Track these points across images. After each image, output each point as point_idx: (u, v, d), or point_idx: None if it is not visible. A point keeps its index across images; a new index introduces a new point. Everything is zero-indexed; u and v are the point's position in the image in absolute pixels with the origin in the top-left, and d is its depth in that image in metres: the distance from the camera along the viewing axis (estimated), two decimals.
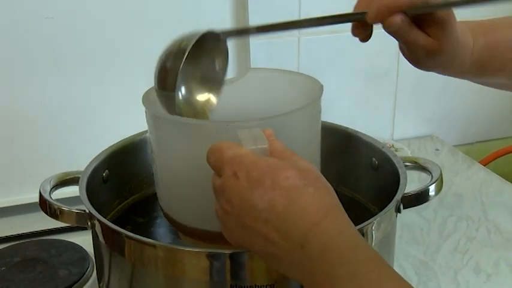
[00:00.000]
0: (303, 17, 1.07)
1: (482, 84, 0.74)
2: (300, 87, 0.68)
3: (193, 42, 0.59)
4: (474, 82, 0.73)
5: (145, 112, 0.63)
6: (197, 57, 0.60)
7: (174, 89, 0.58)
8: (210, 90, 0.65)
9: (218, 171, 0.51)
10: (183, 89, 0.62)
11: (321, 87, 0.64)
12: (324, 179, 0.50)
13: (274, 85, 0.71)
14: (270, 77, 0.72)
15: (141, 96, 0.64)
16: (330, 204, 0.48)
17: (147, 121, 0.64)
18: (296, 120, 0.60)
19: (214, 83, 0.64)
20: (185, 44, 0.59)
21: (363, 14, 0.60)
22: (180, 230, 0.66)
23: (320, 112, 0.65)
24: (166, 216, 0.66)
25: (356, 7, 0.61)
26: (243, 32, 0.77)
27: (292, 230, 0.46)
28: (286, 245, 0.47)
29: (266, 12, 1.05)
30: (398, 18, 0.58)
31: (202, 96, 0.64)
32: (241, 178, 0.49)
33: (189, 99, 0.63)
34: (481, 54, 0.66)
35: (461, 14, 0.63)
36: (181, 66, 0.58)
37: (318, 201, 0.47)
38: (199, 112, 0.64)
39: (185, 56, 0.58)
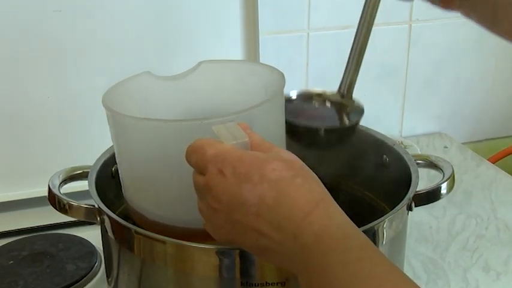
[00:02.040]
0: (312, 9, 1.07)
1: (504, 31, 0.68)
2: (257, 77, 0.67)
3: None
4: (494, 27, 0.68)
5: (107, 116, 0.61)
6: None
7: None
8: None
9: (201, 169, 0.50)
10: None
11: (282, 76, 0.63)
12: (308, 167, 0.50)
13: (227, 77, 0.70)
14: (221, 69, 0.71)
15: None
16: (320, 193, 0.48)
17: (109, 124, 0.62)
18: (267, 111, 0.59)
19: None
20: None
21: None
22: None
23: (284, 101, 0.64)
24: (134, 216, 0.65)
25: None
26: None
27: (284, 221, 0.47)
28: (279, 236, 0.47)
29: (275, 5, 1.04)
30: None
31: None
32: (227, 175, 0.48)
33: None
34: None
35: None
36: None
37: (307, 192, 0.47)
38: None
39: None
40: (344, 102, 0.71)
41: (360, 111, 0.70)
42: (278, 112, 0.63)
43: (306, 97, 0.73)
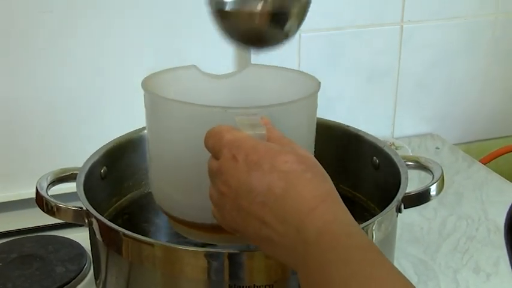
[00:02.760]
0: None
1: None
2: (297, 84, 0.68)
3: None
4: None
5: (144, 97, 0.63)
6: None
7: None
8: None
9: (216, 154, 0.51)
10: None
11: (318, 83, 0.64)
12: (321, 166, 0.51)
13: (271, 82, 0.71)
14: (267, 74, 0.72)
15: (141, 93, 0.63)
16: (327, 190, 0.48)
17: (145, 106, 0.63)
18: (293, 111, 0.60)
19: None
20: None
21: None
22: (172, 217, 0.65)
23: (316, 108, 0.65)
24: (159, 205, 0.66)
25: None
26: None
27: (289, 214, 0.47)
28: (282, 228, 0.47)
29: None
30: None
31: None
32: (239, 161, 0.49)
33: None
34: None
35: None
36: None
37: (315, 187, 0.48)
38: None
39: None
40: None
41: None
42: (307, 115, 0.63)
43: None
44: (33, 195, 0.69)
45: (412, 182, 0.69)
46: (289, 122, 0.59)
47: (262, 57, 1.03)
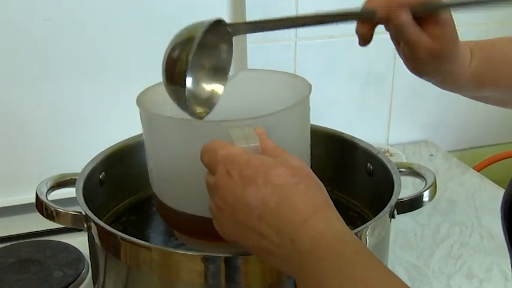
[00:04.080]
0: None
1: (481, 100, 0.75)
2: (289, 87, 0.68)
3: (202, 31, 0.58)
4: (473, 98, 0.74)
5: (140, 113, 0.64)
6: (203, 47, 0.60)
7: (184, 80, 0.58)
8: (216, 81, 0.65)
9: (212, 169, 0.52)
10: (190, 81, 0.62)
11: (310, 86, 0.65)
12: (314, 175, 0.52)
13: (263, 85, 0.72)
14: (260, 78, 0.73)
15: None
16: (320, 200, 0.49)
17: (141, 122, 0.64)
18: (286, 118, 0.61)
19: (220, 73, 0.65)
20: (193, 34, 0.58)
21: (372, 12, 0.61)
22: (176, 227, 0.66)
23: (309, 111, 0.65)
24: (162, 211, 0.66)
25: (365, 4, 0.63)
26: (248, 25, 0.73)
27: (284, 225, 0.48)
28: (279, 240, 0.48)
29: (263, 14, 1.05)
30: (405, 15, 0.60)
31: (208, 87, 0.65)
32: (234, 176, 0.50)
33: (196, 90, 0.63)
34: (478, 65, 0.67)
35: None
36: (191, 57, 0.57)
37: (308, 198, 0.49)
38: (204, 103, 0.64)
39: (195, 46, 0.57)
40: None
41: None
42: (300, 120, 0.64)
43: None
44: (31, 201, 0.70)
45: (406, 189, 0.70)
46: (283, 130, 0.60)
47: (257, 65, 1.04)
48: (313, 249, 0.46)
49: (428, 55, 0.62)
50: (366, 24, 0.63)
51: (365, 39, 0.64)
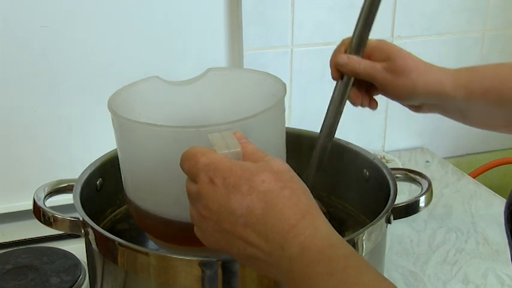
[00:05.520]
0: (296, 26, 1.08)
1: (475, 123, 0.77)
2: (263, 86, 0.68)
3: None
4: (476, 123, 0.77)
5: (112, 119, 0.63)
6: None
7: None
8: None
9: (193, 177, 0.52)
10: None
11: (284, 86, 0.65)
12: (298, 178, 0.51)
13: (233, 84, 0.72)
14: (231, 76, 0.73)
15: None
16: (306, 205, 0.49)
17: (113, 127, 0.64)
18: (263, 120, 0.61)
19: None
20: None
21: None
22: (152, 232, 0.66)
23: (284, 110, 0.65)
24: (137, 216, 0.66)
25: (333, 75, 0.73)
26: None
27: (272, 233, 0.48)
28: (267, 246, 0.48)
29: (260, 22, 1.06)
30: (343, 56, 0.71)
31: None
32: (218, 184, 0.49)
33: None
34: (465, 75, 0.71)
35: None
36: None
37: (294, 204, 0.49)
38: None
39: None
40: None
41: None
42: (276, 121, 0.64)
43: None
44: (28, 207, 0.70)
45: (403, 195, 0.70)
46: (261, 131, 0.60)
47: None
48: (303, 255, 0.46)
49: (392, 74, 0.70)
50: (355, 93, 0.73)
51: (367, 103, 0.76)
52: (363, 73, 0.70)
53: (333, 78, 0.73)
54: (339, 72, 0.72)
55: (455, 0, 1.17)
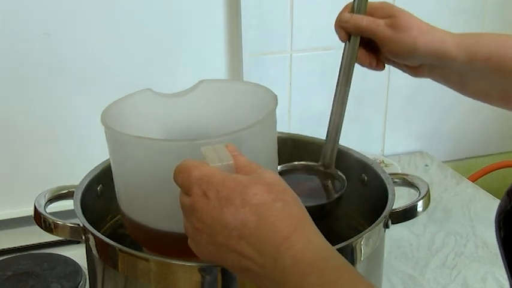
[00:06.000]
0: (296, 29, 1.09)
1: (482, 98, 0.76)
2: (253, 97, 0.69)
3: None
4: (476, 94, 0.75)
5: (105, 132, 0.63)
6: None
7: None
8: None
9: (187, 190, 0.52)
10: None
11: (275, 97, 0.66)
12: (290, 189, 0.52)
13: (226, 96, 0.72)
14: (223, 88, 0.73)
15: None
16: (298, 217, 0.50)
17: (107, 140, 0.64)
18: (255, 132, 0.61)
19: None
20: None
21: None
22: (146, 245, 0.66)
23: (276, 123, 0.66)
24: (131, 228, 0.66)
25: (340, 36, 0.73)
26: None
27: (265, 245, 0.48)
28: (261, 259, 0.48)
29: (259, 27, 1.06)
30: (346, 14, 0.71)
31: None
32: (211, 197, 0.50)
33: None
34: (466, 37, 0.70)
35: None
36: None
37: (287, 216, 0.49)
38: None
39: None
40: (329, 172, 0.74)
41: (342, 180, 0.73)
42: (268, 133, 0.64)
43: (290, 170, 0.76)
44: (29, 214, 0.70)
45: (401, 199, 0.70)
46: (253, 143, 0.60)
47: (253, 76, 1.05)
48: (295, 268, 0.47)
49: (393, 30, 0.69)
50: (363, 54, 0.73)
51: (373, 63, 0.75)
52: (366, 29, 0.70)
53: (341, 39, 0.73)
54: (345, 32, 0.71)
55: (453, 1, 1.17)
